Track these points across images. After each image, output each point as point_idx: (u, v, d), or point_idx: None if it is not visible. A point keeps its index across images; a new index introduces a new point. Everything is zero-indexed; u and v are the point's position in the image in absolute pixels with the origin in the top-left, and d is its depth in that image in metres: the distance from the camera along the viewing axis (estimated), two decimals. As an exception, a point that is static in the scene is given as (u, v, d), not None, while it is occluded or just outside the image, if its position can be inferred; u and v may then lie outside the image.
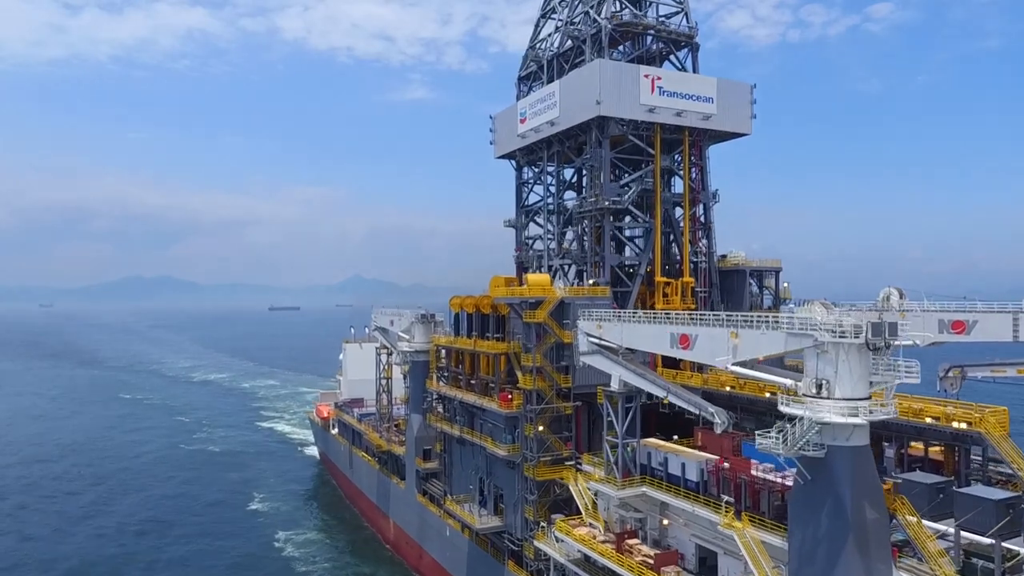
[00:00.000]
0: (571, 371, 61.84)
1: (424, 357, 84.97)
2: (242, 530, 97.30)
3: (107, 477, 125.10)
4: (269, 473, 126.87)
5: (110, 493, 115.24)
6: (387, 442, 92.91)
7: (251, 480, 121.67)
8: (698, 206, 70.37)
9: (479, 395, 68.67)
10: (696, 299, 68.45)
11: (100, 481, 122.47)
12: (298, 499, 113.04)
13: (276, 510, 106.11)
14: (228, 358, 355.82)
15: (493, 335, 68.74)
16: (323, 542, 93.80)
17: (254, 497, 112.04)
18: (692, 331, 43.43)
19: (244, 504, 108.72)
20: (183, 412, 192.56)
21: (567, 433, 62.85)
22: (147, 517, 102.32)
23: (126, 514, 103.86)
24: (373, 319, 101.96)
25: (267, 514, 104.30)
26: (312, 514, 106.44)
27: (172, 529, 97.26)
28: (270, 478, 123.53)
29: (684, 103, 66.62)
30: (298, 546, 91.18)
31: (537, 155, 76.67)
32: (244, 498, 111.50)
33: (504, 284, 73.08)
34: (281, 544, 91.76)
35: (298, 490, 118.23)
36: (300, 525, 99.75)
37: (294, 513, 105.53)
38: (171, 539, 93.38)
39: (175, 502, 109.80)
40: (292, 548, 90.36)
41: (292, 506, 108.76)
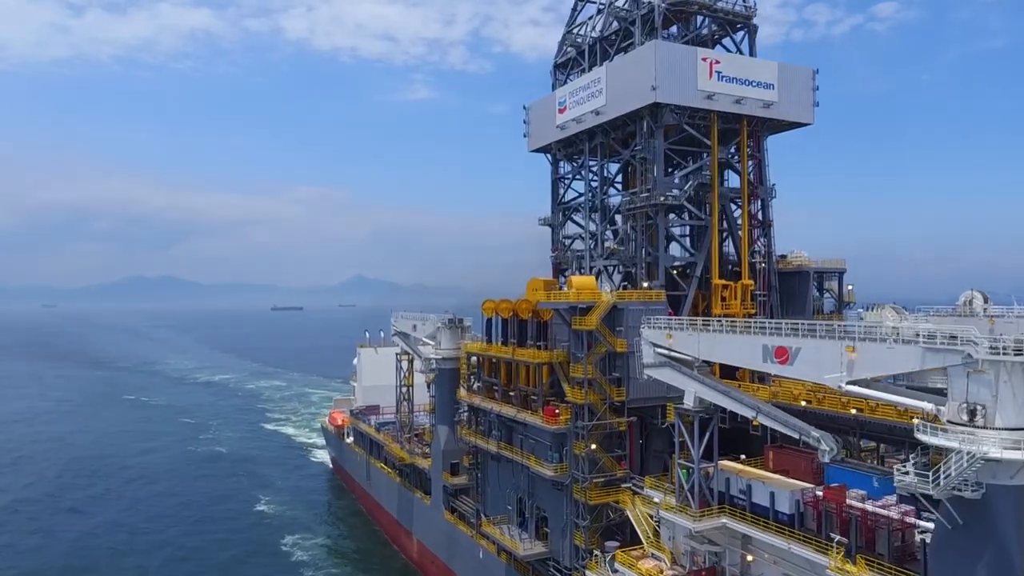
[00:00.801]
0: (625, 383, 55.70)
1: (452, 365, 78.71)
2: (248, 532, 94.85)
3: (112, 477, 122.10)
4: (276, 477, 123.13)
5: (115, 493, 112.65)
6: (410, 454, 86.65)
7: (258, 483, 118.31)
8: (756, 202, 64.15)
9: (519, 408, 62.38)
10: (755, 303, 62.26)
11: (105, 481, 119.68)
12: (308, 504, 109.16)
13: (283, 514, 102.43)
14: (232, 359, 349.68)
15: (534, 343, 62.49)
16: (331, 547, 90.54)
17: (261, 500, 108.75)
18: (793, 343, 37.19)
19: (251, 507, 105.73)
20: (188, 413, 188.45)
21: (620, 451, 56.60)
22: (151, 516, 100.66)
23: (131, 514, 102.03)
24: (393, 323, 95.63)
25: (274, 517, 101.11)
26: (321, 519, 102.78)
27: (176, 529, 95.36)
28: (278, 482, 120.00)
29: (744, 89, 60.37)
30: (306, 550, 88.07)
31: (577, 148, 70.40)
32: (251, 501, 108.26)
33: (543, 287, 67.01)
34: (289, 548, 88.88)
35: (307, 495, 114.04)
36: (309, 530, 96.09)
37: (302, 518, 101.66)
38: (175, 539, 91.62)
39: (180, 503, 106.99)
40: (301, 552, 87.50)
41: (300, 511, 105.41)
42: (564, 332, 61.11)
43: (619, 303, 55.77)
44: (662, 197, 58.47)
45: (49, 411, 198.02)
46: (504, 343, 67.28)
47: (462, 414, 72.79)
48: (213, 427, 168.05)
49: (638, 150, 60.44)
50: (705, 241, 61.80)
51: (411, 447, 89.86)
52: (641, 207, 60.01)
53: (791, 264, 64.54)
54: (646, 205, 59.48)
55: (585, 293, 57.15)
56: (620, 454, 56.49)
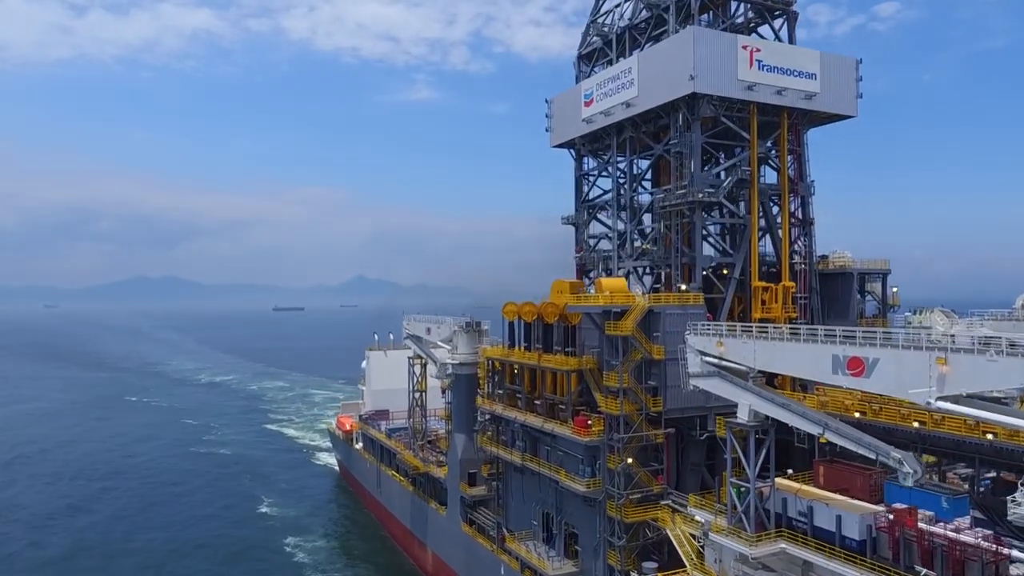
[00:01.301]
0: (661, 392, 51.86)
1: (469, 370, 74.86)
2: (250, 534, 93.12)
3: (113, 478, 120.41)
4: (280, 479, 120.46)
5: (116, 494, 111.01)
6: (424, 463, 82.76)
7: (261, 485, 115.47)
8: (795, 199, 60.27)
9: (545, 418, 58.54)
10: (796, 306, 58.39)
11: (106, 482, 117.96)
12: (312, 507, 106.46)
13: (286, 516, 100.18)
14: (234, 359, 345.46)
15: (561, 349, 58.64)
16: (336, 551, 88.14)
17: (264, 502, 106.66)
18: (870, 354, 33.33)
19: (254, 508, 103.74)
20: (190, 415, 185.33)
21: (656, 465, 52.76)
22: (153, 518, 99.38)
23: (132, 514, 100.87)
24: (405, 326, 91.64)
25: (277, 519, 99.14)
26: (326, 522, 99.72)
27: (178, 530, 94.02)
28: (281, 484, 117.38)
29: (785, 79, 56.49)
30: (308, 552, 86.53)
31: (603, 143, 66.54)
32: (254, 503, 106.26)
33: (569, 289, 63.15)
34: (291, 550, 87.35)
35: (311, 498, 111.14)
36: (313, 532, 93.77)
37: (306, 520, 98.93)
38: (176, 540, 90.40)
39: (182, 505, 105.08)
40: (303, 554, 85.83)
41: (304, 513, 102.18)
42: (594, 337, 57.39)
43: (655, 307, 51.94)
44: (700, 194, 54.59)
45: (50, 412, 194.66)
46: (528, 348, 63.50)
47: (481, 422, 68.91)
48: (216, 428, 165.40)
49: (672, 144, 56.52)
50: (743, 241, 57.94)
51: (424, 455, 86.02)
52: (676, 204, 56.13)
53: (833, 265, 60.66)
54: (682, 202, 55.59)
55: (618, 296, 53.34)
56: (657, 468, 52.63)
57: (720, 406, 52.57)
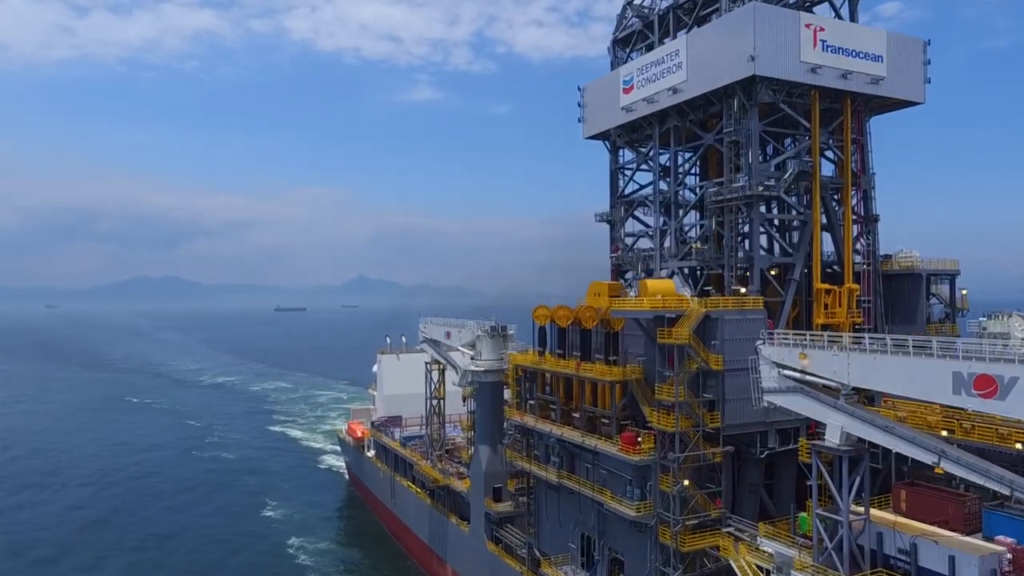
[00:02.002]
0: (719, 407, 46.57)
1: (494, 377, 69.52)
2: (255, 537, 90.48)
3: (115, 480, 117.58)
4: (284, 482, 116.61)
5: (118, 496, 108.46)
6: (444, 475, 77.43)
7: (266, 489, 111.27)
8: (857, 193, 54.93)
9: (584, 432, 53.19)
10: (860, 310, 53.06)
11: (108, 484, 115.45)
12: (317, 510, 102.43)
13: (291, 519, 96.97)
14: (236, 360, 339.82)
15: (603, 357, 53.28)
16: (344, 557, 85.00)
17: (269, 506, 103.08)
18: (1006, 371, 28.02)
19: (258, 512, 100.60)
20: (193, 416, 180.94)
21: (713, 487, 47.48)
22: (154, 520, 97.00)
23: (133, 517, 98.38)
24: (422, 329, 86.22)
25: (282, 522, 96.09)
26: (333, 527, 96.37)
27: (180, 532, 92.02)
28: (285, 487, 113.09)
29: (850, 62, 51.15)
30: (311, 554, 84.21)
31: (643, 133, 61.18)
32: (258, 506, 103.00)
33: (607, 292, 57.84)
34: (294, 552, 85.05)
35: (317, 502, 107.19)
36: (318, 536, 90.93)
37: (311, 524, 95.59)
38: (179, 541, 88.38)
39: (185, 507, 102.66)
40: (305, 556, 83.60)
41: (309, 516, 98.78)
42: (639, 345, 52.07)
43: (712, 312, 46.63)
44: (760, 187, 49.23)
45: (51, 413, 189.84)
46: (563, 356, 58.15)
47: (511, 435, 63.57)
48: (218, 430, 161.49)
49: (727, 132, 51.10)
50: (803, 239, 52.60)
51: (443, 466, 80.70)
52: (731, 199, 50.77)
53: (898, 265, 55.30)
54: (738, 196, 50.23)
55: (670, 300, 48.03)
56: (714, 490, 47.34)
57: (783, 421, 47.47)
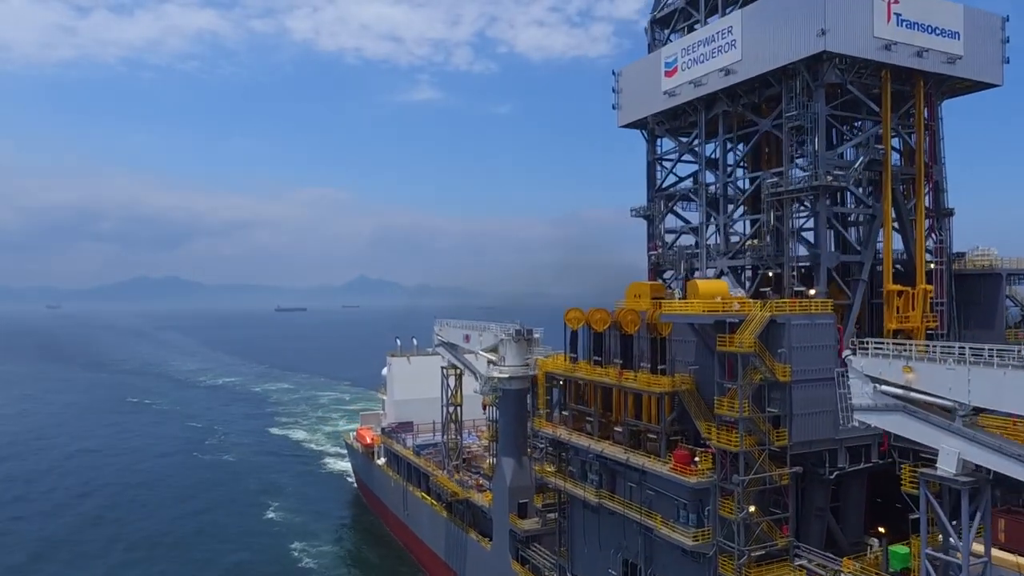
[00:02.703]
0: (785, 423, 41.27)
1: (519, 385, 64.26)
2: (257, 540, 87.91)
3: (115, 483, 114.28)
4: (287, 484, 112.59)
5: (118, 499, 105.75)
6: (463, 487, 72.08)
7: (268, 491, 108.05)
8: (928, 185, 49.64)
9: (628, 448, 47.87)
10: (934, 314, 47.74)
11: (108, 486, 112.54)
12: (320, 515, 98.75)
13: (293, 523, 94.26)
14: (237, 360, 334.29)
15: (649, 365, 47.97)
16: (344, 557, 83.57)
17: (271, 508, 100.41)
18: None
19: (260, 514, 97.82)
20: (194, 417, 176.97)
21: (779, 512, 42.18)
22: (154, 523, 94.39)
23: (133, 520, 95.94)
24: (437, 331, 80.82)
25: (284, 525, 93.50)
26: (337, 532, 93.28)
27: (181, 533, 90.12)
28: (288, 489, 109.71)
29: (926, 38, 45.84)
30: (315, 558, 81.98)
31: (686, 120, 55.81)
32: (260, 509, 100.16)
33: (649, 293, 52.54)
34: (297, 554, 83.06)
35: (319, 505, 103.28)
36: (321, 540, 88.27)
37: (314, 527, 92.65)
38: (179, 542, 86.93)
39: (185, 509, 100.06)
40: (309, 559, 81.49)
41: (310, 519, 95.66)
42: (688, 352, 46.76)
43: (777, 316, 41.31)
44: (829, 176, 43.89)
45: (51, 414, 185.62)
46: (600, 363, 52.80)
47: (541, 449, 58.22)
48: (219, 432, 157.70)
49: (790, 116, 45.71)
50: (871, 235, 47.28)
51: (461, 476, 75.37)
52: (795, 190, 45.42)
53: (973, 264, 49.97)
54: (802, 188, 44.90)
55: (730, 302, 42.74)
56: (779, 516, 42.02)
57: (853, 438, 42.22)
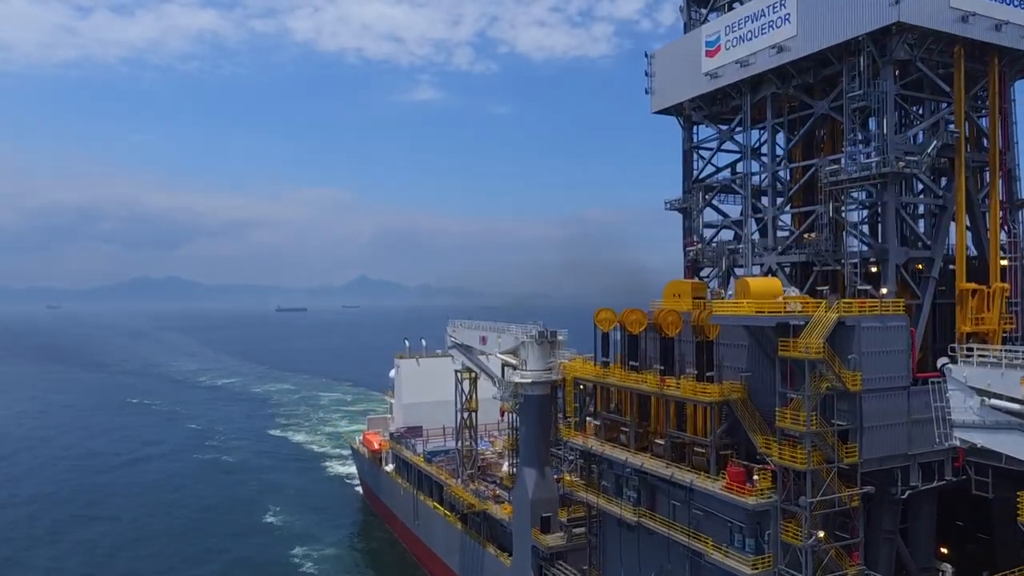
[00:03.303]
0: (855, 437, 36.65)
1: (542, 391, 59.68)
2: (257, 543, 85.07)
3: (113, 484, 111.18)
4: (288, 487, 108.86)
5: (116, 501, 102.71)
6: (480, 498, 67.45)
7: (269, 495, 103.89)
8: (1002, 173, 45.01)
9: (671, 463, 43.24)
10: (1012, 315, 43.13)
11: (106, 488, 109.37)
12: (321, 516, 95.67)
13: (294, 525, 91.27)
14: (237, 361, 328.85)
15: (697, 371, 43.32)
16: (348, 563, 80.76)
17: (271, 511, 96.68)
18: None
19: (259, 518, 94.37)
20: (193, 419, 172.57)
21: (848, 537, 37.52)
22: (152, 525, 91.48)
23: (131, 522, 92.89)
24: (450, 333, 76.11)
25: (285, 530, 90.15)
26: (342, 537, 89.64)
27: (179, 535, 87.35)
28: (290, 492, 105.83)
29: (1005, 10, 41.29)
30: (317, 563, 79.11)
31: (727, 103, 51.19)
32: (259, 512, 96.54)
33: (690, 292, 47.94)
34: (299, 560, 79.90)
35: (323, 508, 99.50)
36: (323, 542, 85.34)
37: (319, 532, 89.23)
38: (177, 544, 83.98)
39: (183, 512, 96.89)
40: (311, 564, 78.58)
41: (316, 524, 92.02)
42: (739, 357, 42.15)
43: (846, 319, 36.69)
44: (900, 163, 39.25)
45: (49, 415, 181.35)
46: (636, 368, 48.15)
47: (570, 460, 53.59)
48: (219, 433, 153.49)
49: (855, 96, 41.01)
50: (941, 228, 42.67)
51: (476, 486, 70.73)
52: (860, 178, 40.78)
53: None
54: (870, 175, 40.24)
55: (793, 302, 38.11)
56: (850, 541, 37.37)
57: (926, 453, 37.67)
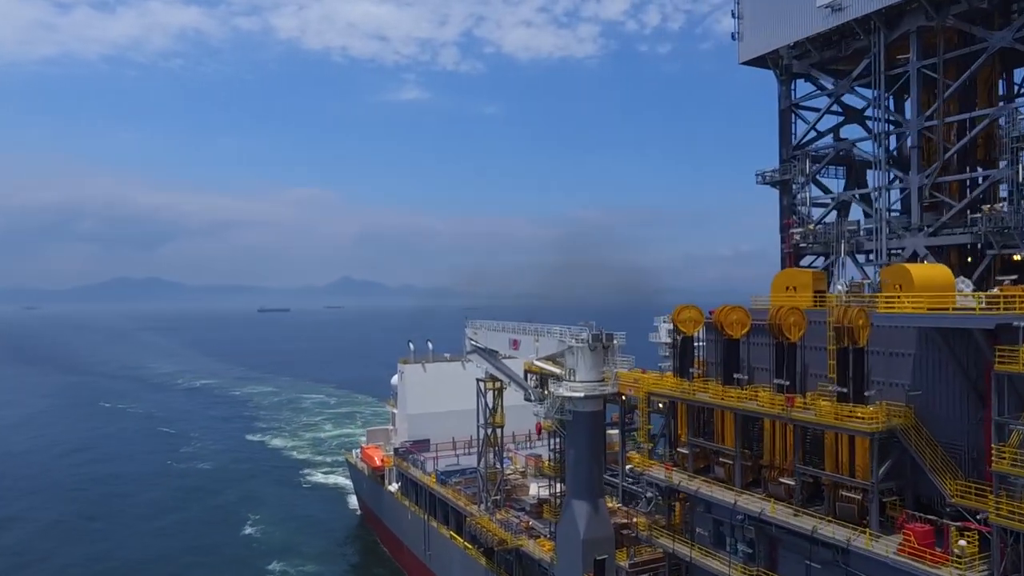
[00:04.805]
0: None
1: (595, 406, 48.31)
2: (234, 557, 78.51)
3: (80, 493, 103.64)
4: (270, 497, 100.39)
5: (81, 508, 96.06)
6: (512, 532, 55.76)
7: (248, 504, 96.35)
8: None
9: (800, 509, 32.02)
10: None
11: (71, 496, 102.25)
12: (307, 529, 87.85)
13: (274, 539, 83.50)
14: (218, 362, 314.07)
15: (848, 388, 32.09)
16: None
17: (250, 521, 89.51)
18: None
19: (237, 530, 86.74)
20: (169, 423, 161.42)
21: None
22: (121, 538, 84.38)
23: (98, 533, 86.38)
24: (470, 336, 64.42)
25: (263, 541, 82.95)
26: (328, 552, 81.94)
27: (148, 550, 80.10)
28: (271, 501, 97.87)
29: None
30: None
31: (848, 47, 40.08)
32: (238, 523, 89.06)
33: (812, 284, 36.86)
34: None
35: (307, 518, 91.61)
36: (304, 556, 78.79)
37: (301, 545, 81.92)
38: (148, 557, 77.60)
39: (155, 524, 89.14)
40: None
41: (299, 537, 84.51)
42: (903, 370, 30.99)
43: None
44: None
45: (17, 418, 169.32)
46: (739, 383, 36.92)
47: (652, 499, 42.11)
48: (195, 438, 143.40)
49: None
50: None
51: (504, 516, 59.06)
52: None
53: None
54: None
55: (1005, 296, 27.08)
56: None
57: None
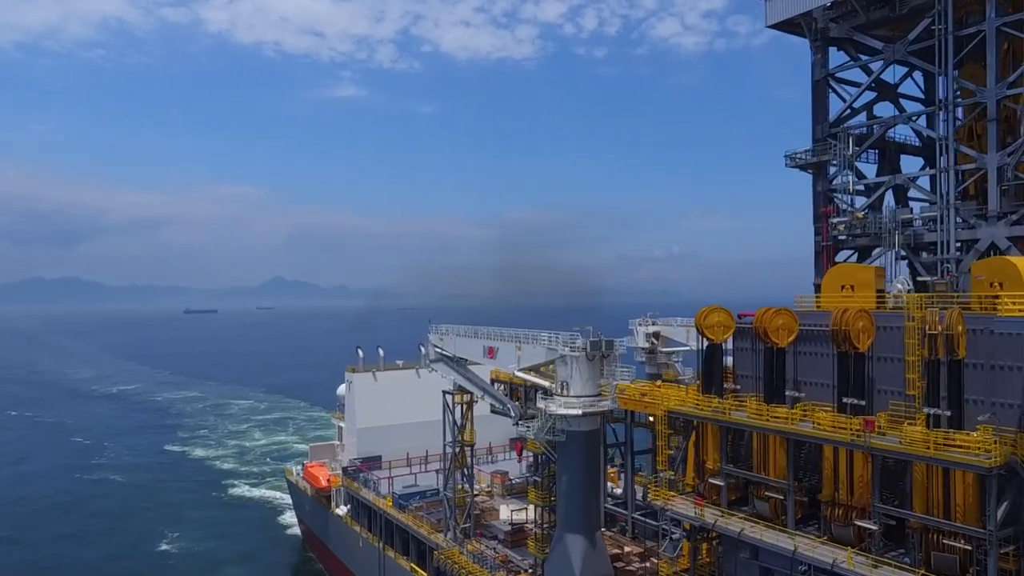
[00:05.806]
0: None
1: (592, 424, 41.31)
2: None
3: None
4: (187, 510, 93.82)
5: None
6: (489, 570, 47.84)
7: (163, 519, 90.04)
8: None
9: (879, 559, 25.60)
10: None
11: None
12: (230, 546, 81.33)
13: (194, 555, 78.18)
14: (138, 366, 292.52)
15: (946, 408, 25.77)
16: None
17: (167, 539, 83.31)
18: None
19: (153, 546, 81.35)
20: (81, 432, 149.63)
21: None
22: (22, 559, 77.30)
23: None
24: (435, 343, 55.83)
25: (182, 558, 77.69)
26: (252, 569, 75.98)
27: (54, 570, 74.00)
28: (191, 516, 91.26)
29: None
30: None
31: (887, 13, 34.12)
32: (154, 540, 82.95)
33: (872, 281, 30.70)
34: None
35: (229, 534, 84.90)
36: None
37: (223, 563, 76.22)
38: None
39: (60, 543, 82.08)
40: None
41: (221, 553, 78.76)
42: (1011, 386, 24.98)
43: None
44: None
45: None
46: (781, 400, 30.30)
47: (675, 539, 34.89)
48: (110, 448, 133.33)
49: None
50: None
51: (475, 547, 51.20)
52: None
53: None
54: None
55: None
56: None
57: None
